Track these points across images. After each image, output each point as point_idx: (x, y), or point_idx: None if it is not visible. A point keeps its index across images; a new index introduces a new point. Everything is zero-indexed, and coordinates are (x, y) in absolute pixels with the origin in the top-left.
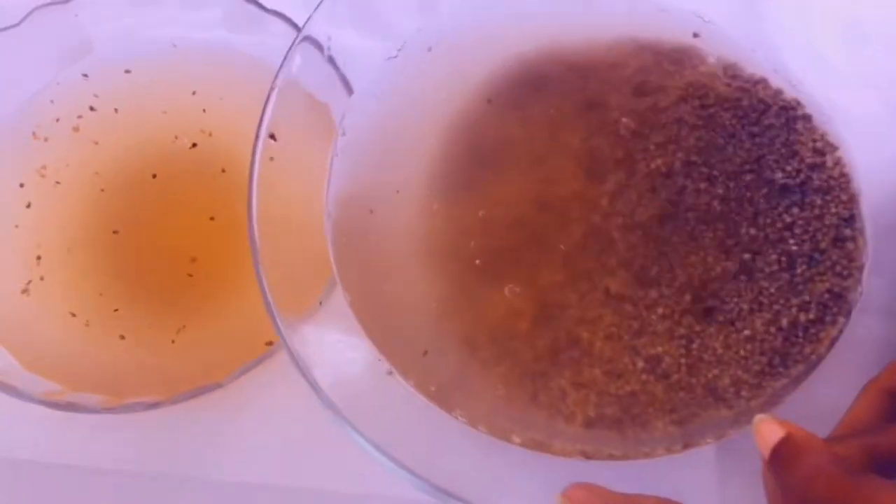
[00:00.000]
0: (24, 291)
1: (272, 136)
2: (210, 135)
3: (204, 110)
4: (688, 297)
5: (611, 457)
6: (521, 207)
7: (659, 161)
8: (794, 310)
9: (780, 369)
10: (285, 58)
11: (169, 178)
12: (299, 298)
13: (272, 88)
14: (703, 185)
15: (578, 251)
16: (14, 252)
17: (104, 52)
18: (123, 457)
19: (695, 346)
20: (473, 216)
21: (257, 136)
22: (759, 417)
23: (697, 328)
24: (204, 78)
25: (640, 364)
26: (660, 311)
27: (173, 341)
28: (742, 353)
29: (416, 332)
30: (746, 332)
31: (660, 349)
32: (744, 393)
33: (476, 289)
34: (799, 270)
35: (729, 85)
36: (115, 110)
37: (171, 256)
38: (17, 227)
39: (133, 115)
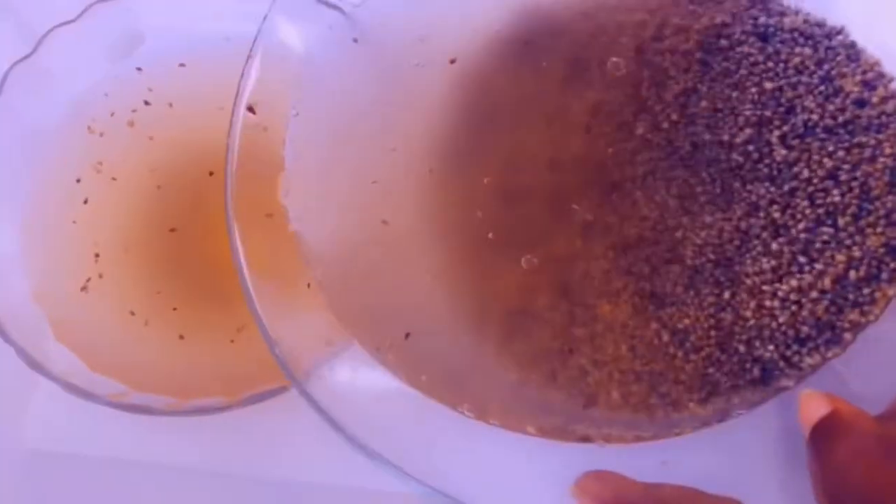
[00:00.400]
0: (84, 289)
1: (251, 109)
2: (265, 129)
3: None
4: (711, 260)
5: (638, 439)
6: (530, 170)
7: (675, 115)
8: (840, 267)
9: (824, 337)
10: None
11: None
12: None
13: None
14: (726, 137)
15: (597, 216)
16: (72, 249)
17: (158, 45)
18: (183, 454)
19: (725, 316)
20: (478, 182)
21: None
22: (805, 391)
23: (726, 296)
24: None
25: (666, 338)
26: (685, 279)
27: (232, 341)
28: (778, 322)
29: (401, 311)
30: (782, 298)
31: (686, 322)
32: (782, 367)
33: (485, 259)
34: (842, 223)
35: (756, 19)
36: (170, 105)
37: (229, 255)
38: (74, 223)
39: (188, 111)
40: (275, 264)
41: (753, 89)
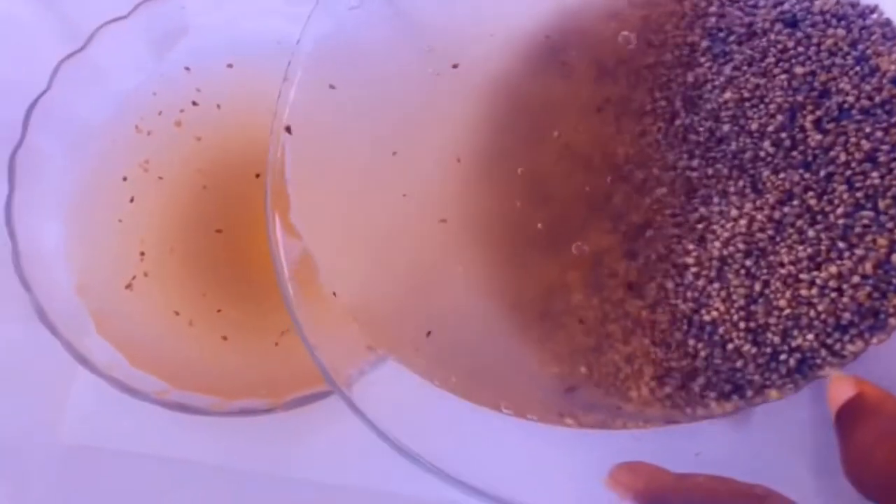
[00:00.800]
0: (128, 287)
1: (287, 129)
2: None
3: None
4: (741, 251)
5: (672, 422)
6: (559, 165)
7: (695, 109)
8: (881, 252)
9: (867, 323)
10: None
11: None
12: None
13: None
14: (755, 126)
15: (622, 213)
16: (118, 247)
17: (206, 45)
18: (221, 453)
19: (757, 308)
20: (513, 172)
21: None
22: (835, 374)
23: (757, 287)
24: None
25: (694, 331)
26: (713, 270)
27: (276, 344)
28: (817, 310)
29: (431, 310)
30: (820, 286)
31: (715, 314)
32: (823, 356)
33: (523, 252)
34: (883, 205)
35: (780, 5)
36: (218, 106)
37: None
38: (120, 221)
39: (235, 113)
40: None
41: (783, 76)
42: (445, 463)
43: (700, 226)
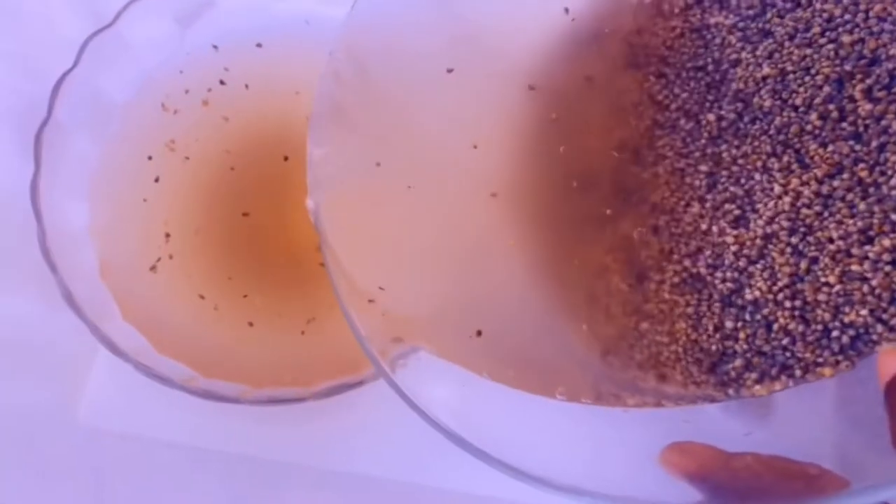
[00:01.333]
0: (153, 269)
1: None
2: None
3: None
4: (784, 228)
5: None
6: (599, 150)
7: (729, 90)
8: None
9: None
10: None
11: (301, 162)
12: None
13: None
14: (799, 101)
15: (662, 196)
16: (143, 226)
17: (235, 23)
18: (243, 440)
19: (804, 286)
20: (555, 151)
21: None
22: (884, 347)
23: (803, 265)
24: None
25: (733, 312)
26: (755, 249)
27: (303, 332)
28: (871, 284)
29: (480, 301)
30: (873, 260)
31: (757, 293)
32: (879, 331)
33: (576, 233)
34: None
35: None
36: (246, 86)
37: (302, 244)
38: (145, 200)
39: (264, 93)
40: None
41: (829, 45)
42: (495, 448)
43: (740, 205)
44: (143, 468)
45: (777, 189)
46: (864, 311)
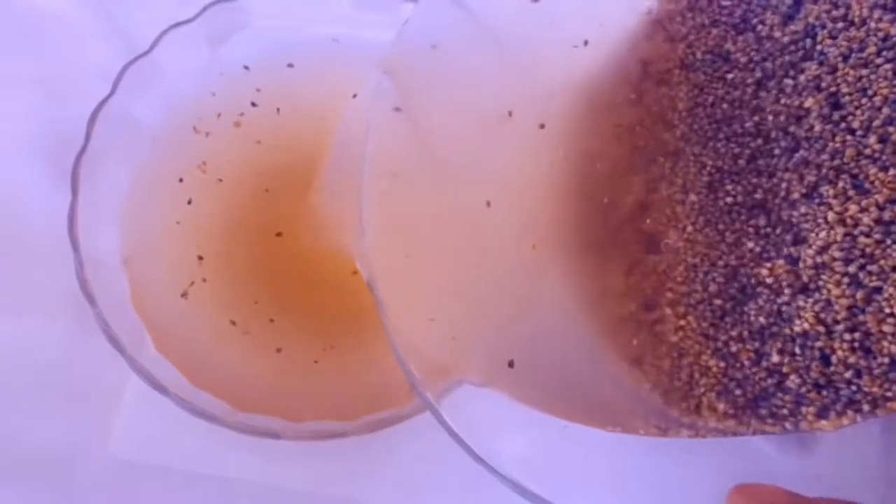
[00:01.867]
0: (184, 295)
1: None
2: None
3: None
4: (838, 256)
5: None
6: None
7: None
8: None
9: None
10: None
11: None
12: None
13: None
14: (856, 124)
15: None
16: (176, 249)
17: (266, 44)
18: (273, 472)
19: (866, 318)
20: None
21: None
22: None
23: (861, 295)
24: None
25: (777, 345)
26: (804, 279)
27: (316, 361)
28: None
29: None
30: None
31: (806, 325)
32: None
33: (611, 255)
34: None
35: None
36: (278, 110)
37: (331, 269)
38: (178, 223)
39: (293, 117)
40: None
41: (887, 65)
42: (549, 491)
43: (788, 234)
44: (175, 500)
45: (831, 216)
46: None
